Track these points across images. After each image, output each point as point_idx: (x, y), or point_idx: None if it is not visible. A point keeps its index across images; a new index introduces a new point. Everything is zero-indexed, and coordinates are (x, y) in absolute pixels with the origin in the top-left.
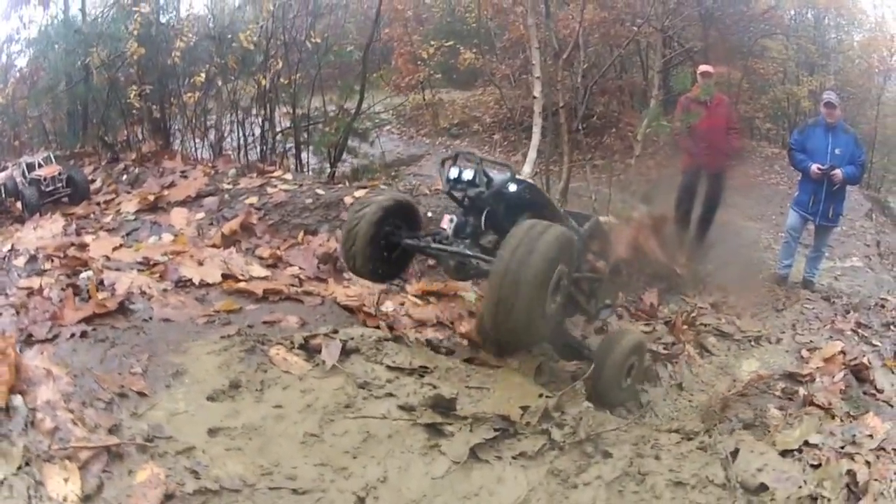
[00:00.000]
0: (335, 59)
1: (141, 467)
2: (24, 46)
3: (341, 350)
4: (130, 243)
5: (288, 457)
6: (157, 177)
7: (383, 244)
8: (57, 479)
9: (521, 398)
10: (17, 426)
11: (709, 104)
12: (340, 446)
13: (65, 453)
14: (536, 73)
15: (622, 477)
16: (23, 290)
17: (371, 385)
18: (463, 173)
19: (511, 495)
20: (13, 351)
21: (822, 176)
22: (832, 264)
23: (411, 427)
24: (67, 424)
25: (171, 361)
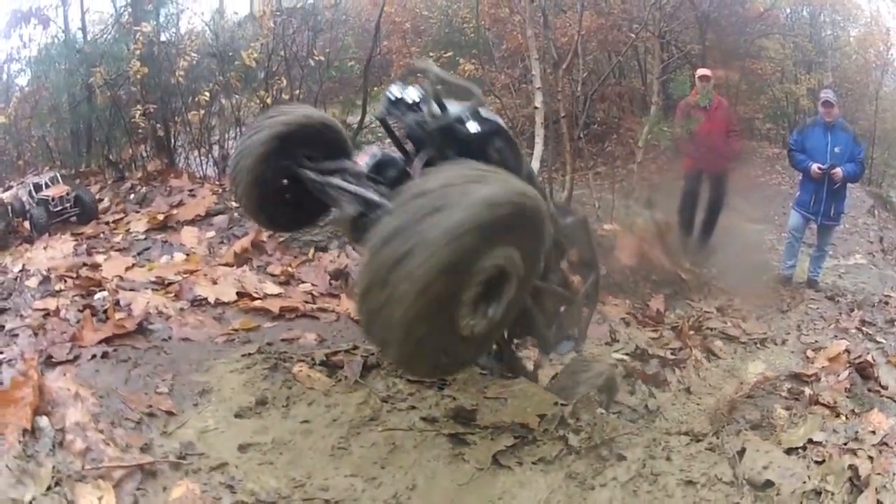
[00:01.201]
0: (336, 75)
1: (176, 484)
2: (24, 65)
3: (362, 366)
4: (143, 263)
5: (319, 469)
6: (165, 196)
7: (285, 183)
8: (90, 498)
9: (537, 407)
10: (45, 447)
11: (708, 108)
12: (369, 457)
13: (97, 473)
14: (537, 84)
15: (636, 478)
16: (38, 312)
17: (394, 398)
18: (405, 92)
19: (533, 498)
20: (35, 373)
21: (823, 175)
22: (836, 262)
23: (435, 437)
24: (99, 444)
25: (195, 380)
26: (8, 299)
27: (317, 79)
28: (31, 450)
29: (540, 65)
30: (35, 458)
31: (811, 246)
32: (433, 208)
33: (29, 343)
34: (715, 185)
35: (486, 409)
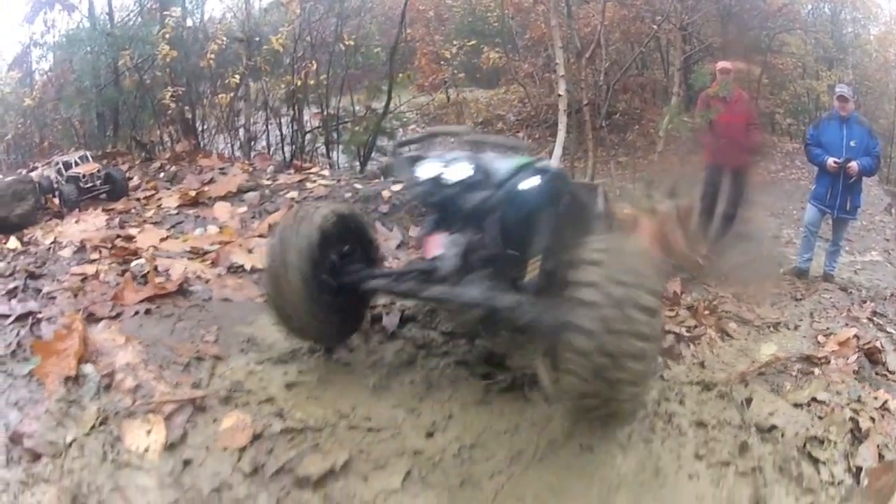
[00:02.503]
0: (362, 61)
1: (226, 415)
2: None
3: (399, 318)
4: (176, 235)
5: (362, 402)
6: (196, 174)
7: (327, 285)
8: (137, 432)
9: None
10: (89, 392)
11: (728, 100)
12: (408, 393)
13: (147, 408)
14: (560, 72)
15: (652, 416)
16: (76, 276)
17: (429, 346)
18: (448, 169)
19: (559, 429)
20: (80, 324)
21: (839, 169)
22: (852, 258)
23: (469, 377)
24: (150, 382)
25: (240, 332)
26: (42, 267)
27: (343, 64)
28: (74, 395)
29: (563, 54)
30: (78, 402)
31: (828, 241)
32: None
33: (69, 303)
34: (735, 177)
35: (514, 354)
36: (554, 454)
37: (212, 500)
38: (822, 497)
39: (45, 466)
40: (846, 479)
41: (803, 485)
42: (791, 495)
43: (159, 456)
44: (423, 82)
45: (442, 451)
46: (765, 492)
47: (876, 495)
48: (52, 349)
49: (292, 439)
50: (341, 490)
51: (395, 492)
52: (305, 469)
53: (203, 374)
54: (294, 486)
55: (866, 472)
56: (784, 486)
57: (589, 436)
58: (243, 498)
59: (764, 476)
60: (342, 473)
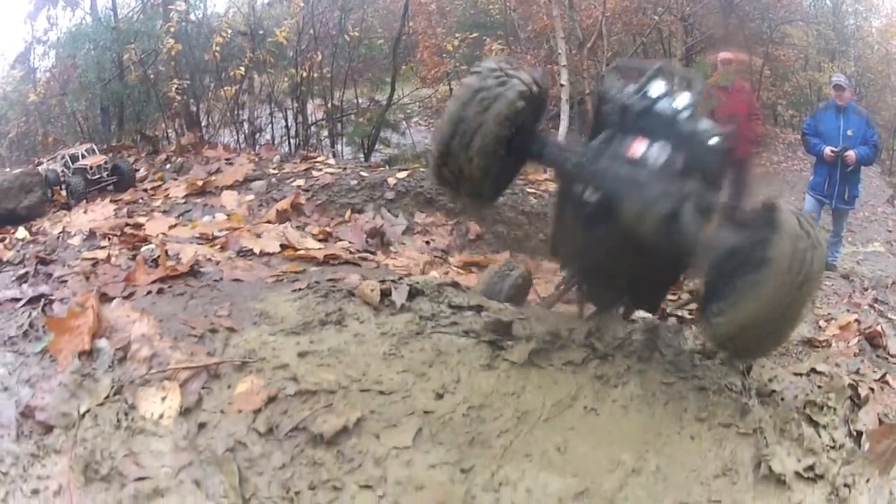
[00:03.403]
0: (365, 53)
1: (240, 381)
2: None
3: (408, 292)
4: (185, 223)
5: (373, 368)
6: (202, 165)
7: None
8: (152, 399)
9: (567, 322)
10: (103, 365)
11: (730, 90)
12: (417, 359)
13: (163, 375)
14: (562, 62)
15: (654, 382)
16: (87, 261)
17: (437, 317)
18: (675, 97)
19: (564, 392)
20: (95, 301)
21: (836, 158)
22: (854, 249)
23: (476, 345)
24: (166, 351)
25: (252, 307)
26: (52, 253)
27: (346, 57)
28: (87, 368)
29: (565, 45)
30: (92, 375)
31: (829, 231)
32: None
33: (80, 286)
34: (737, 168)
35: (521, 326)
36: (560, 415)
37: (226, 459)
38: (824, 458)
39: (57, 437)
40: (847, 443)
41: (804, 445)
42: (792, 455)
43: (174, 421)
44: (425, 75)
45: (451, 412)
46: (766, 451)
47: (878, 458)
48: (65, 326)
49: (306, 401)
50: (353, 447)
51: (406, 448)
52: (319, 427)
53: (217, 344)
54: (307, 444)
55: (867, 435)
56: (785, 447)
57: (593, 399)
58: (258, 456)
59: (765, 437)
60: (355, 431)
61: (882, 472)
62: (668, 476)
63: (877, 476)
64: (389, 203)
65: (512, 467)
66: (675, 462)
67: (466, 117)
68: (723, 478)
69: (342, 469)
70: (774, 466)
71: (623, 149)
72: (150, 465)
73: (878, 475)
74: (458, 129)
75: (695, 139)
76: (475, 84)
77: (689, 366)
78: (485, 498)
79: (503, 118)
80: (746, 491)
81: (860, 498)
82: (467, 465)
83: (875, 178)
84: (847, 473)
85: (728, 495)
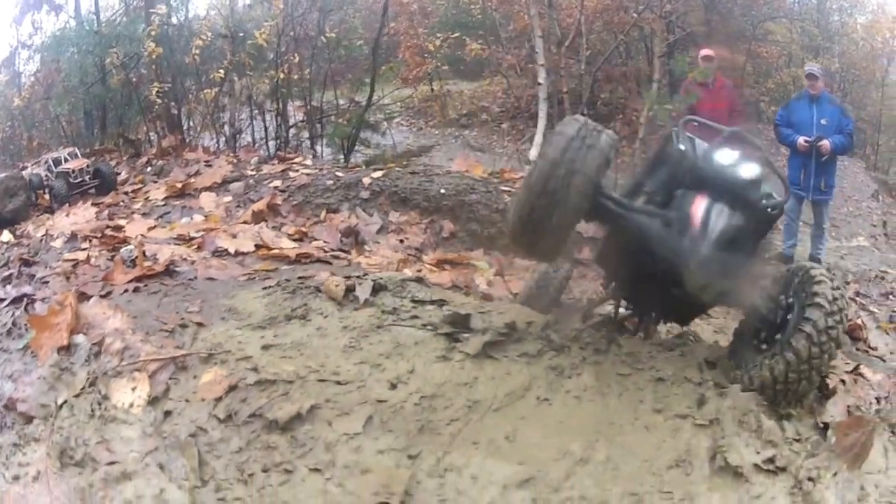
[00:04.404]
0: (345, 54)
1: (205, 372)
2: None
3: (372, 288)
4: (164, 225)
5: (332, 360)
6: (182, 167)
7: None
8: (123, 390)
9: (526, 317)
10: (80, 359)
11: (711, 87)
12: (375, 351)
13: (133, 367)
14: (540, 61)
15: (610, 374)
16: (68, 262)
17: (399, 311)
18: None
19: (517, 383)
20: (73, 300)
21: (810, 148)
22: (838, 244)
23: (434, 337)
24: (137, 344)
25: (222, 304)
26: (35, 256)
27: (325, 58)
28: (66, 363)
29: (544, 43)
30: (70, 369)
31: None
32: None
33: (61, 286)
34: None
35: (480, 319)
36: (511, 405)
37: (188, 444)
38: (786, 450)
39: (36, 427)
40: (813, 435)
41: (763, 437)
42: (751, 447)
43: (143, 409)
44: (407, 75)
45: (403, 401)
46: (723, 442)
47: (847, 452)
48: (45, 323)
49: (264, 390)
50: (306, 433)
51: (357, 434)
52: (274, 414)
53: (186, 338)
54: (263, 430)
55: (833, 428)
56: (744, 438)
57: (546, 389)
58: (217, 441)
59: (723, 428)
60: (308, 418)
61: (851, 465)
62: (619, 466)
63: (845, 470)
64: (364, 202)
65: (459, 454)
66: (626, 452)
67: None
68: (676, 469)
69: (294, 453)
70: (731, 458)
71: (686, 205)
72: (120, 450)
73: (846, 469)
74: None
75: (755, 208)
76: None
77: (647, 357)
78: (429, 483)
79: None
80: (701, 482)
81: (826, 492)
82: (415, 451)
83: (860, 173)
84: (811, 466)
85: (681, 486)
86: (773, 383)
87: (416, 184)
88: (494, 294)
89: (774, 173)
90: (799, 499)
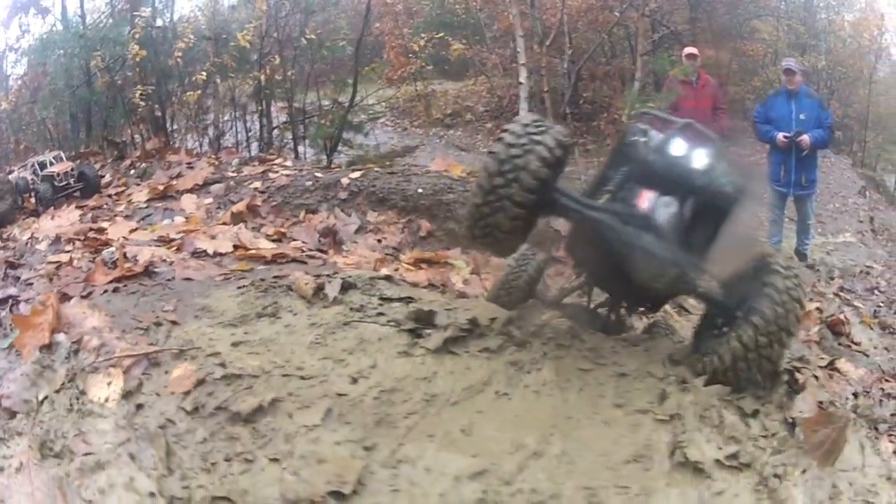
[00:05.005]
0: (328, 55)
1: (176, 367)
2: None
3: (341, 286)
4: (145, 227)
5: (297, 355)
6: (165, 169)
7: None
8: (99, 385)
9: (490, 313)
10: (61, 356)
11: (694, 85)
12: (339, 347)
13: (109, 363)
14: (522, 60)
15: (572, 368)
16: (52, 264)
17: (366, 308)
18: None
19: (475, 378)
20: (55, 300)
21: (790, 143)
22: (824, 240)
23: (397, 333)
24: (113, 341)
25: (197, 303)
26: (21, 258)
27: (309, 59)
28: (47, 360)
29: (525, 42)
30: (51, 366)
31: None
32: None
33: (45, 287)
34: None
35: (445, 315)
36: (469, 399)
37: (157, 435)
38: (750, 446)
39: (19, 421)
40: (781, 431)
41: (725, 433)
42: (712, 443)
43: (117, 403)
44: (392, 75)
45: (363, 395)
46: (683, 438)
47: (817, 449)
48: (29, 323)
49: (230, 384)
50: (267, 424)
51: (315, 427)
52: (238, 406)
53: (160, 335)
54: (227, 422)
55: (800, 424)
56: (705, 433)
57: (505, 384)
58: (184, 432)
59: (683, 423)
60: (270, 410)
61: (823, 463)
62: (574, 460)
63: (815, 467)
64: (343, 203)
65: (413, 446)
66: (582, 446)
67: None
68: (634, 463)
69: (255, 444)
70: (690, 453)
71: (633, 199)
72: (95, 442)
73: (816, 466)
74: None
75: (707, 192)
76: (501, 154)
77: (610, 352)
78: (383, 473)
79: (529, 187)
80: (659, 478)
81: (794, 490)
82: (370, 443)
83: (847, 169)
84: (777, 463)
85: (638, 481)
86: (723, 371)
87: (394, 184)
88: (470, 292)
89: (729, 162)
90: (764, 496)
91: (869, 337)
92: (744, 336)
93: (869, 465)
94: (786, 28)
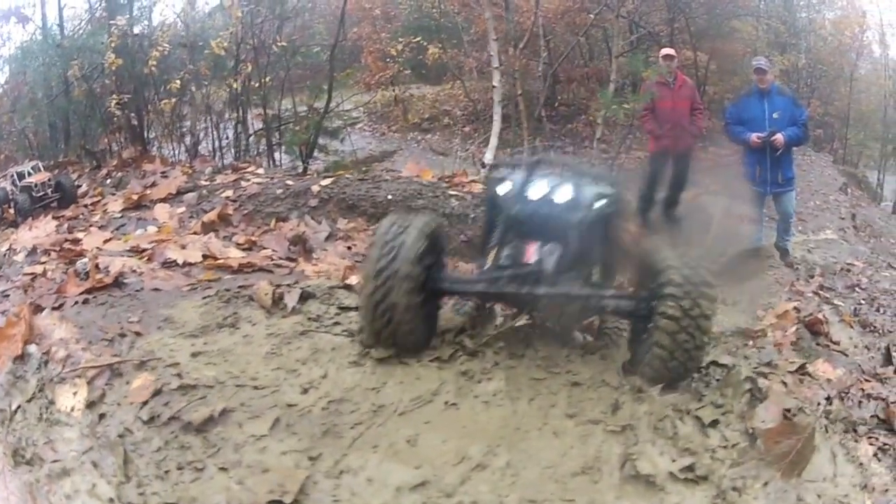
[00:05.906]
0: (303, 61)
1: (137, 377)
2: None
3: (300, 296)
4: (119, 236)
5: (252, 366)
6: (139, 179)
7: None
8: (66, 395)
9: (444, 323)
10: (32, 367)
11: (671, 86)
12: (293, 357)
13: (74, 374)
14: (495, 63)
15: (523, 377)
16: (27, 276)
17: (322, 318)
18: (556, 192)
19: (425, 387)
20: (27, 312)
21: (764, 144)
22: (805, 237)
23: (350, 343)
24: (79, 352)
25: (161, 313)
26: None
27: (284, 65)
28: (20, 371)
29: (499, 46)
30: (23, 377)
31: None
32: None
33: (20, 298)
34: (679, 162)
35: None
36: (417, 409)
37: (117, 443)
38: (706, 458)
39: None
40: (742, 442)
41: (679, 444)
42: (666, 455)
43: (82, 413)
44: (369, 80)
45: (312, 405)
46: (634, 450)
47: (780, 460)
48: (3, 334)
49: (185, 394)
50: (218, 434)
51: (263, 436)
52: (191, 416)
53: (124, 346)
54: (180, 431)
55: (760, 435)
56: (658, 445)
57: (455, 394)
58: (140, 441)
59: (636, 434)
60: (221, 420)
61: (787, 474)
62: (519, 472)
63: (778, 479)
64: (313, 210)
65: (357, 457)
66: (529, 458)
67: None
68: (582, 476)
69: (206, 453)
70: (641, 466)
71: (520, 257)
72: (62, 449)
73: (780, 478)
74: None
75: (584, 225)
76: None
77: (564, 361)
78: (325, 483)
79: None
80: (608, 490)
81: (754, 502)
82: (315, 453)
83: (827, 167)
84: (736, 476)
85: (585, 494)
86: (670, 353)
87: (364, 190)
88: None
89: (592, 176)
90: None
91: (849, 336)
92: (667, 311)
93: (841, 473)
94: (765, 27)
